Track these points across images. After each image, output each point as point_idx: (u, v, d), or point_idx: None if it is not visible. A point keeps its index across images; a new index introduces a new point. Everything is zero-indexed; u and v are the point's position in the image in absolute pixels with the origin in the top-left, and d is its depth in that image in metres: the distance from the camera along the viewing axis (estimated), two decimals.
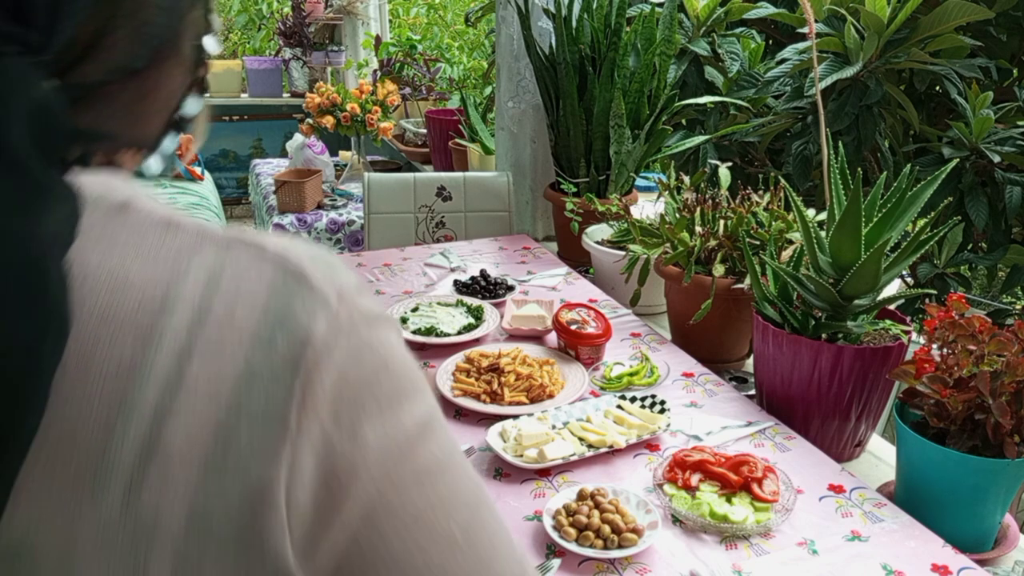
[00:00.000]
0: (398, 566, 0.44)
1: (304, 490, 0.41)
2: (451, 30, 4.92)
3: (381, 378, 0.45)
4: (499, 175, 2.52)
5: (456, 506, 0.47)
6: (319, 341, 0.42)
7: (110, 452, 0.39)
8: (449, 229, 2.52)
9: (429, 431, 0.47)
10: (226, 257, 0.43)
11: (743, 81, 2.12)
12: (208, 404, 0.40)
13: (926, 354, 1.15)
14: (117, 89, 0.45)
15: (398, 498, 0.44)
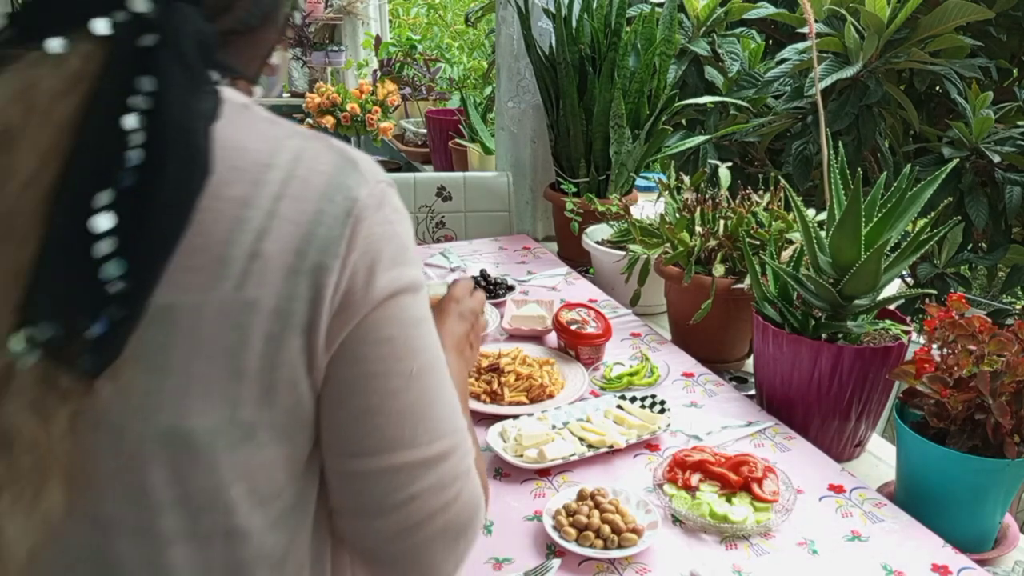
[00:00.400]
0: (370, 370, 0.65)
1: (338, 298, 0.62)
2: (451, 30, 4.92)
3: (393, 243, 0.66)
4: (499, 175, 2.52)
5: (419, 352, 0.67)
6: (362, 204, 0.64)
7: (228, 252, 0.60)
8: (449, 229, 2.52)
9: (415, 293, 0.67)
10: (307, 143, 0.65)
11: (743, 81, 2.12)
12: (292, 231, 0.61)
13: (926, 354, 1.15)
14: (238, 38, 0.67)
15: (385, 326, 0.65)
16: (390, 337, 0.66)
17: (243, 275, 0.60)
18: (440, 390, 0.70)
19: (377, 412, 0.66)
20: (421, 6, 5.10)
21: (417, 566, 0.70)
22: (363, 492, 0.67)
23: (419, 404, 0.67)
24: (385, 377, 0.66)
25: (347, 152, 0.67)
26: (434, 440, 0.68)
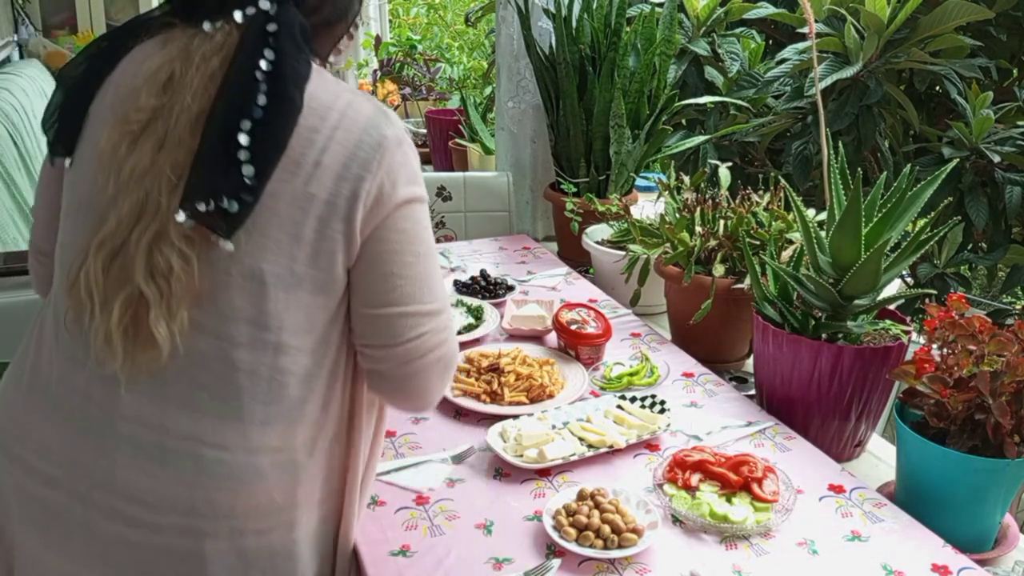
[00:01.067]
0: (393, 248, 0.97)
1: (371, 200, 0.94)
2: (451, 30, 4.92)
3: (408, 168, 0.98)
4: (499, 175, 2.52)
5: (423, 241, 1.00)
6: (389, 140, 0.96)
7: (301, 159, 0.92)
8: (449, 229, 2.52)
9: (422, 204, 1.01)
10: (356, 96, 0.98)
11: (743, 81, 2.12)
12: (341, 151, 0.93)
13: (926, 354, 1.15)
14: (321, 29, 0.99)
15: (402, 221, 0.97)
16: (405, 229, 0.98)
17: (309, 176, 0.93)
18: (435, 269, 1.03)
19: (398, 276, 0.98)
20: (421, 6, 5.10)
21: (416, 384, 1.02)
22: (386, 329, 0.98)
23: (424, 275, 1.00)
24: (402, 254, 0.98)
25: (380, 106, 1.01)
26: (434, 300, 1.01)
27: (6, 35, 4.28)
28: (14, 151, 3.24)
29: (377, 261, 0.97)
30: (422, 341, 1.00)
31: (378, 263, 0.97)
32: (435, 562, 1.06)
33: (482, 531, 1.12)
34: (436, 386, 1.04)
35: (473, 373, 1.48)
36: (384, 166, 0.95)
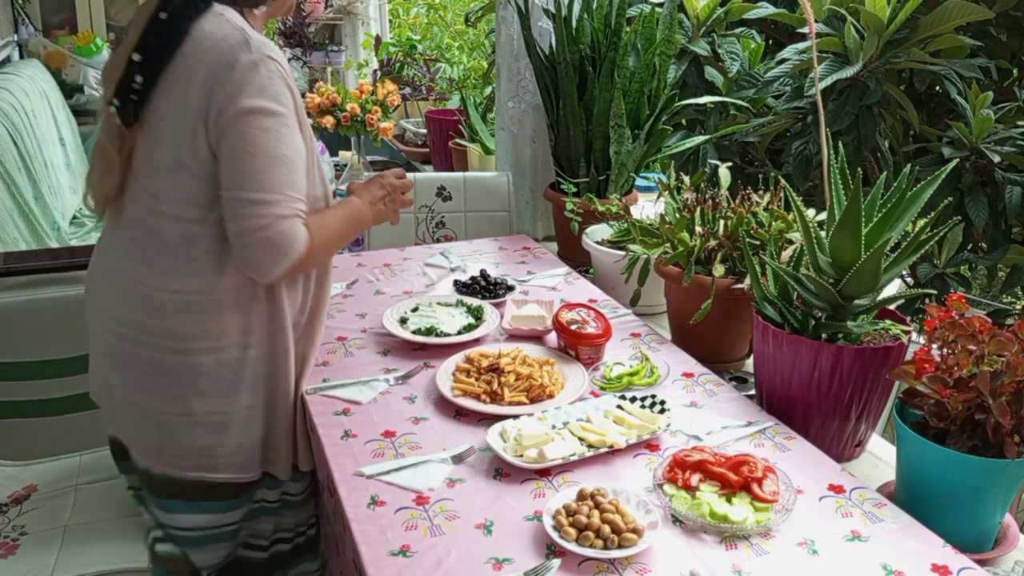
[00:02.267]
0: (234, 144, 1.31)
1: (219, 106, 1.30)
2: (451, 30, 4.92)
3: (255, 84, 1.30)
4: (499, 175, 2.52)
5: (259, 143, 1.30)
6: (242, 63, 1.30)
7: (187, 77, 1.32)
8: (449, 229, 2.53)
9: (266, 116, 1.31)
10: (234, 30, 1.33)
11: (743, 81, 2.11)
12: (207, 70, 1.31)
13: (926, 354, 1.15)
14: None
15: (243, 124, 1.30)
16: (243, 131, 1.30)
17: (185, 89, 1.32)
18: (270, 167, 1.32)
19: (233, 169, 1.31)
20: (421, 6, 5.10)
21: (247, 255, 1.33)
22: (226, 208, 1.33)
23: (255, 169, 1.30)
24: (237, 151, 1.31)
25: (251, 38, 1.33)
26: (261, 191, 1.31)
27: (6, 35, 4.29)
28: (14, 151, 3.24)
29: (224, 155, 1.32)
30: (247, 222, 1.31)
31: (224, 157, 1.32)
32: (435, 562, 1.06)
33: (482, 531, 1.12)
34: (264, 262, 1.33)
35: (473, 373, 1.48)
36: (233, 82, 1.29)
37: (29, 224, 3.11)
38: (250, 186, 1.30)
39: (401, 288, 1.95)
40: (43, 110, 3.87)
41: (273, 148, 1.32)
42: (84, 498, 1.74)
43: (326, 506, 1.41)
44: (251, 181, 1.30)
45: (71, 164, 4.04)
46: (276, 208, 1.31)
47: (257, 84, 1.31)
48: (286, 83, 1.36)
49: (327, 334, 1.70)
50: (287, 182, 1.33)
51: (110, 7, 4.78)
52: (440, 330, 1.66)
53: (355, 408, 1.43)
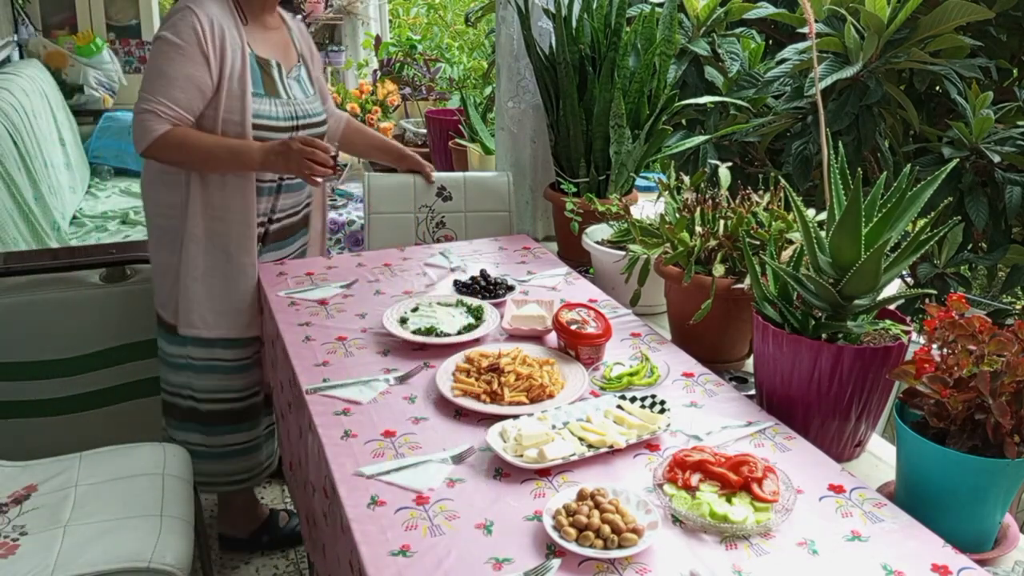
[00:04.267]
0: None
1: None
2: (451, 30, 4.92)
3: (168, 23, 1.96)
4: (499, 175, 2.51)
5: (153, 57, 1.97)
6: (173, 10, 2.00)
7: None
8: (449, 229, 2.52)
9: (160, 40, 1.95)
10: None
11: (743, 81, 2.11)
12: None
13: (926, 354, 1.15)
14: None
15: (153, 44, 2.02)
16: (151, 50, 2.00)
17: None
18: (154, 78, 1.93)
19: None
20: (421, 6, 5.10)
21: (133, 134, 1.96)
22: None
23: (146, 75, 1.97)
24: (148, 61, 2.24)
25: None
26: (144, 91, 1.93)
27: (6, 35, 4.29)
28: (14, 151, 3.24)
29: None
30: (135, 107, 1.95)
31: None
32: (435, 562, 1.06)
33: (482, 531, 1.12)
34: (133, 137, 1.95)
35: (473, 373, 1.48)
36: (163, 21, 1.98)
37: (29, 224, 3.11)
38: (141, 86, 1.94)
39: (401, 288, 1.95)
40: (43, 110, 3.87)
41: (160, 64, 1.92)
42: (84, 498, 1.74)
43: (317, 508, 1.41)
44: (142, 83, 1.94)
45: (71, 164, 4.04)
46: (145, 104, 1.91)
47: (170, 22, 1.93)
48: (194, 27, 1.90)
49: (327, 334, 1.70)
50: (160, 90, 1.90)
51: (110, 7, 4.78)
52: (440, 330, 1.66)
53: (355, 408, 1.43)
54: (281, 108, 2.07)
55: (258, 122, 2.01)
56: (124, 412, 2.49)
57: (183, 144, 1.93)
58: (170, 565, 1.57)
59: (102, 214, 3.86)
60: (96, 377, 2.43)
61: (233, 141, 1.97)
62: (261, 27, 2.09)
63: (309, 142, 1.93)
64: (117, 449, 1.91)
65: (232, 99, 1.97)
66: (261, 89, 2.04)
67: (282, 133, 2.05)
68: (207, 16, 1.92)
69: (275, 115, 2.05)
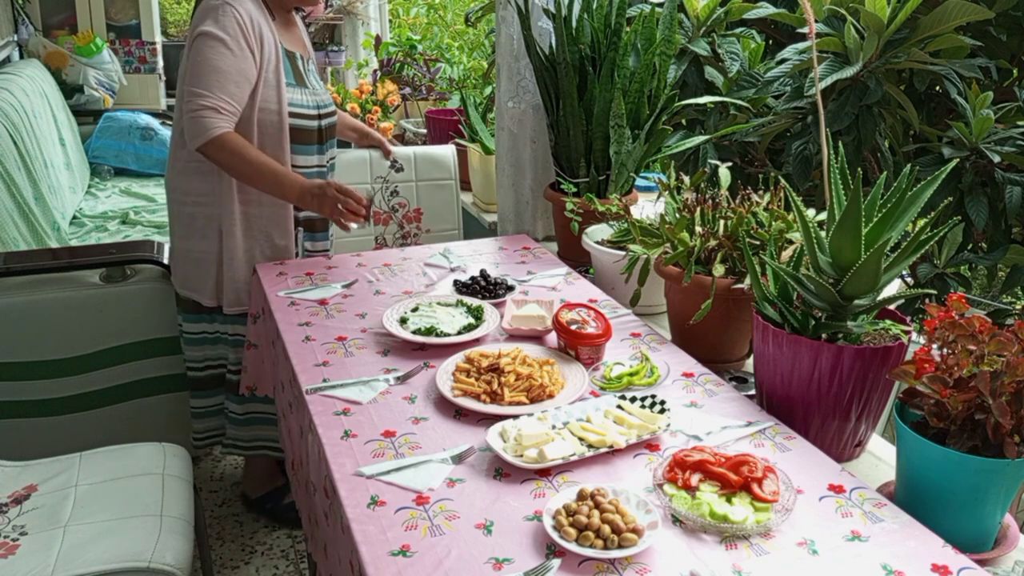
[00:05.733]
0: (189, 58, 2.04)
1: (190, 34, 2.08)
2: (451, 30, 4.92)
3: (210, 16, 2.00)
4: (444, 148, 2.93)
5: (199, 54, 1.99)
6: (207, 7, 2.02)
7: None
8: (403, 197, 2.90)
9: (207, 38, 1.98)
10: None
11: (743, 81, 2.11)
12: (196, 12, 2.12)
13: (926, 354, 1.15)
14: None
15: (195, 40, 2.01)
16: (194, 45, 1.99)
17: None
18: (201, 72, 1.96)
19: (188, 71, 2.00)
20: (421, 6, 5.10)
21: (185, 129, 2.00)
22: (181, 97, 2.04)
23: (194, 73, 1.98)
24: (191, 59, 2.00)
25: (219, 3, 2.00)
26: (193, 87, 1.96)
27: (6, 35, 4.28)
28: (14, 151, 3.24)
29: (187, 64, 2.00)
30: (186, 104, 1.97)
31: (187, 65, 2.00)
32: (435, 562, 1.06)
33: (482, 531, 1.12)
34: (188, 135, 1.99)
35: (473, 373, 1.48)
36: (197, 16, 2.01)
37: (29, 224, 3.11)
38: (191, 81, 1.96)
39: (401, 288, 1.95)
40: (43, 110, 3.87)
41: (209, 60, 1.95)
42: (84, 498, 1.74)
43: (318, 507, 1.41)
44: (191, 79, 1.97)
45: (71, 164, 4.04)
46: (202, 100, 1.95)
47: (212, 16, 1.96)
48: (237, 21, 1.97)
49: (327, 334, 1.70)
50: (217, 85, 1.95)
51: (110, 7, 4.78)
52: (440, 330, 1.66)
53: (355, 408, 1.43)
54: (309, 97, 2.20)
55: (292, 110, 2.12)
56: (124, 412, 2.49)
57: (237, 152, 1.99)
58: (170, 565, 1.57)
59: (102, 214, 3.86)
60: (96, 377, 2.43)
61: (279, 168, 2.05)
62: (284, 22, 2.22)
63: (344, 191, 2.02)
64: (117, 449, 1.91)
65: (268, 89, 2.06)
66: (292, 80, 2.16)
67: (311, 121, 2.18)
68: (245, 11, 2.00)
69: (305, 104, 2.17)
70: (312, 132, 2.20)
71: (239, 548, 2.48)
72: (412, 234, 2.96)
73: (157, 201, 4.01)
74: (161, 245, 2.49)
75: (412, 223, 2.96)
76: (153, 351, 2.46)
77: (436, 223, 2.99)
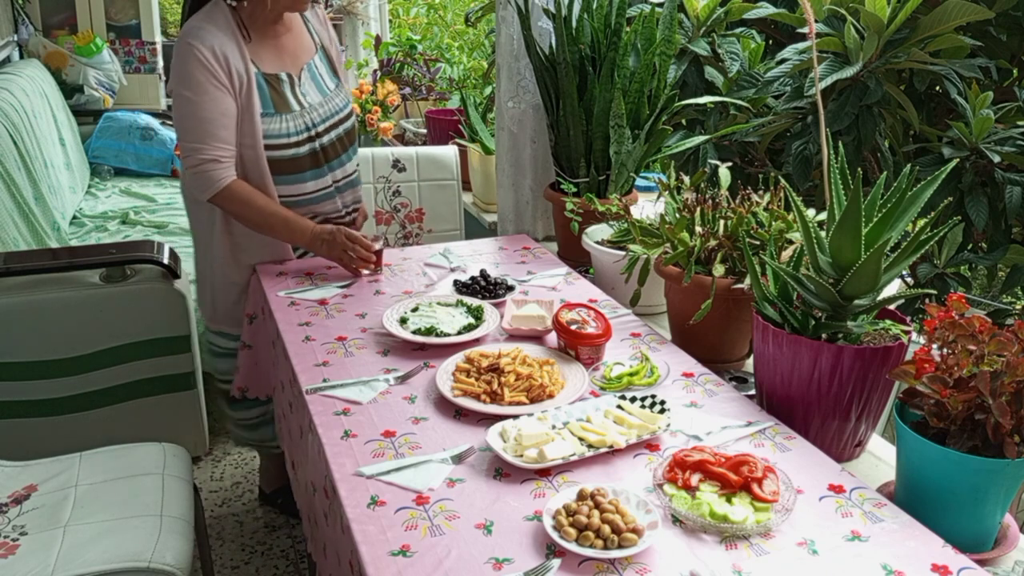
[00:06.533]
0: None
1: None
2: (451, 30, 4.91)
3: (174, 71, 1.97)
4: (447, 149, 2.88)
5: (176, 108, 2.00)
6: (175, 51, 1.98)
7: None
8: (405, 197, 2.88)
9: (181, 97, 1.96)
10: (203, 15, 2.01)
11: (743, 81, 2.11)
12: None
13: (926, 354, 1.15)
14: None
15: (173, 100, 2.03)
16: (173, 102, 2.00)
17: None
18: (188, 127, 1.94)
19: (175, 123, 2.03)
20: (421, 6, 5.10)
21: (189, 183, 2.04)
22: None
23: (178, 125, 1.99)
24: (173, 110, 2.02)
25: (191, 25, 1.96)
26: (187, 143, 1.96)
27: (6, 35, 4.28)
28: (14, 151, 3.24)
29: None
30: (185, 161, 1.98)
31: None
32: (435, 562, 1.06)
33: (482, 531, 1.12)
34: (195, 191, 2.02)
35: (473, 373, 1.48)
36: (171, 66, 1.99)
37: (29, 224, 3.11)
38: (182, 136, 1.96)
39: (401, 288, 1.95)
40: (43, 110, 3.87)
41: (193, 112, 1.93)
42: (84, 498, 1.74)
43: (318, 508, 1.41)
44: (183, 134, 1.96)
45: (71, 164, 4.04)
46: (199, 154, 1.94)
47: (177, 71, 1.94)
48: (201, 61, 1.90)
49: (327, 334, 1.70)
50: (207, 135, 1.93)
51: (110, 7, 4.78)
52: (440, 330, 1.66)
53: (355, 408, 1.43)
54: (292, 123, 2.05)
55: (269, 142, 2.02)
56: (124, 412, 2.49)
57: (245, 201, 2.00)
58: (170, 565, 1.57)
59: (102, 214, 3.85)
60: (96, 377, 2.42)
61: (289, 214, 2.04)
62: (267, 38, 2.06)
63: (353, 238, 2.01)
64: (117, 449, 1.91)
65: (243, 122, 1.98)
66: (271, 108, 2.03)
67: (296, 148, 2.06)
68: (207, 46, 1.91)
69: (286, 132, 2.04)
70: (299, 160, 2.07)
71: (239, 548, 2.48)
72: (414, 234, 2.96)
73: (157, 201, 4.01)
74: (161, 245, 2.49)
75: (414, 223, 2.96)
76: (153, 351, 2.46)
77: (438, 223, 2.99)
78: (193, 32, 1.92)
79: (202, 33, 1.92)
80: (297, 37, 2.15)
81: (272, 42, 2.07)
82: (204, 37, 1.92)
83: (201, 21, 1.95)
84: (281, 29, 2.10)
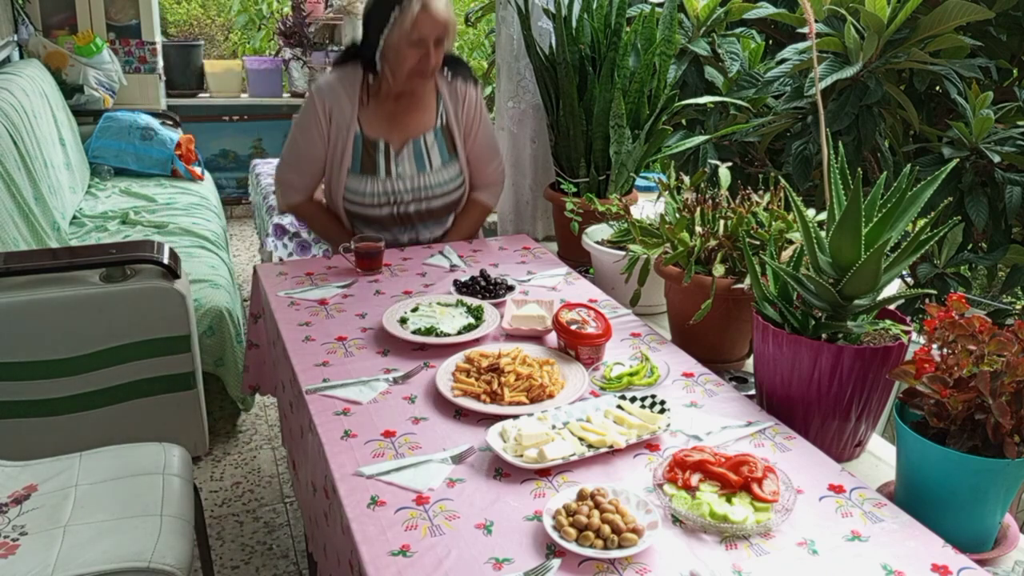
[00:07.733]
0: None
1: None
2: None
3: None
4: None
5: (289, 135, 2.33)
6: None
7: None
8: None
9: (294, 125, 2.30)
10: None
11: (743, 81, 2.11)
12: None
13: (926, 354, 1.15)
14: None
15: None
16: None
17: None
18: (287, 149, 2.29)
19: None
20: None
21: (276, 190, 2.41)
22: None
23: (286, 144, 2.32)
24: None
25: (323, 75, 2.59)
26: (281, 158, 2.33)
27: (6, 35, 4.28)
28: (14, 151, 3.24)
29: None
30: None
31: None
32: (435, 562, 1.06)
33: (482, 531, 1.12)
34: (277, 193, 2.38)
35: (473, 373, 1.48)
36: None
37: (29, 224, 3.11)
38: (282, 151, 2.30)
39: (401, 288, 1.95)
40: (43, 110, 3.87)
41: (292, 142, 2.25)
42: (84, 498, 1.74)
43: (318, 508, 1.41)
44: (283, 150, 2.30)
45: (71, 164, 4.04)
46: (281, 173, 2.30)
47: (304, 106, 2.25)
48: (316, 107, 2.18)
49: (327, 334, 1.70)
50: (289, 166, 2.27)
51: (110, 7, 4.78)
52: (440, 330, 1.66)
53: (355, 408, 1.43)
54: (374, 186, 2.21)
55: (349, 196, 2.23)
56: (124, 412, 2.49)
57: (308, 218, 2.37)
58: (170, 565, 1.57)
59: (102, 214, 3.85)
60: (96, 377, 2.43)
61: (336, 237, 2.27)
62: (384, 106, 2.21)
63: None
64: (117, 449, 1.91)
65: (331, 172, 2.23)
66: (358, 167, 2.21)
67: (377, 209, 2.23)
68: (321, 99, 2.19)
69: (366, 192, 2.21)
70: (380, 218, 2.25)
71: (239, 548, 2.48)
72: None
73: (157, 201, 4.01)
74: (161, 245, 2.49)
75: None
76: (153, 351, 2.46)
77: None
78: (320, 84, 2.23)
79: (325, 87, 2.20)
80: (420, 111, 2.23)
81: (388, 110, 2.21)
82: (324, 91, 2.20)
83: (332, 77, 2.22)
84: (404, 101, 2.21)
